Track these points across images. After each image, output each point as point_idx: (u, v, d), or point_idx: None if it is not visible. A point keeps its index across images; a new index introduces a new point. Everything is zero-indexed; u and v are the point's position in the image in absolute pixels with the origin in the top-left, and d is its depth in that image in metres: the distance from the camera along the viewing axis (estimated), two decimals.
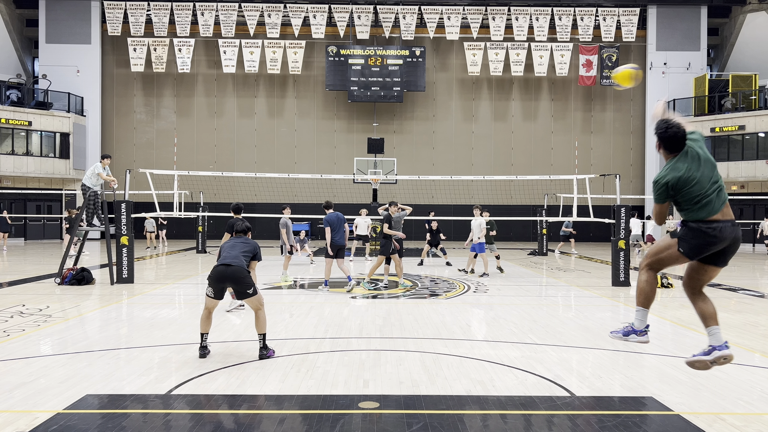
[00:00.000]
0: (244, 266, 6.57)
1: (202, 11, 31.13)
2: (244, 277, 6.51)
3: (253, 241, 7.00)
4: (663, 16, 32.09)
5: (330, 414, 4.89)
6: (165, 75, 32.42)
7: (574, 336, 7.99)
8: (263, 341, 6.66)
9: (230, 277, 6.48)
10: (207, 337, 6.72)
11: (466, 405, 5.17)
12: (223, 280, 6.52)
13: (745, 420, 4.86)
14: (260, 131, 32.88)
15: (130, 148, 32.67)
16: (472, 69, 31.70)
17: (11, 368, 6.16)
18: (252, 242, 6.92)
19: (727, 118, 29.20)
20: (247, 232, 7.16)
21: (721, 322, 4.54)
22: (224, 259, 6.60)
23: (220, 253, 6.80)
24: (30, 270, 16.13)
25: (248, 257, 6.74)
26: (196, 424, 4.69)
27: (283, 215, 14.37)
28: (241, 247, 6.77)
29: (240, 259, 6.60)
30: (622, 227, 13.41)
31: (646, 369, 6.40)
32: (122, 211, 13.26)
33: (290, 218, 14.51)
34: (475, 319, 9.24)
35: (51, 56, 31.43)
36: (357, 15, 31.37)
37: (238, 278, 6.48)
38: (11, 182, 29.38)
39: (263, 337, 6.66)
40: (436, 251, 19.36)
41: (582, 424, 4.75)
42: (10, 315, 9.17)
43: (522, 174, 28.51)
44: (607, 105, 33.24)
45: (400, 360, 6.61)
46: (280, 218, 14.44)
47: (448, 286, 13.30)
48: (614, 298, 11.63)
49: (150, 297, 11.30)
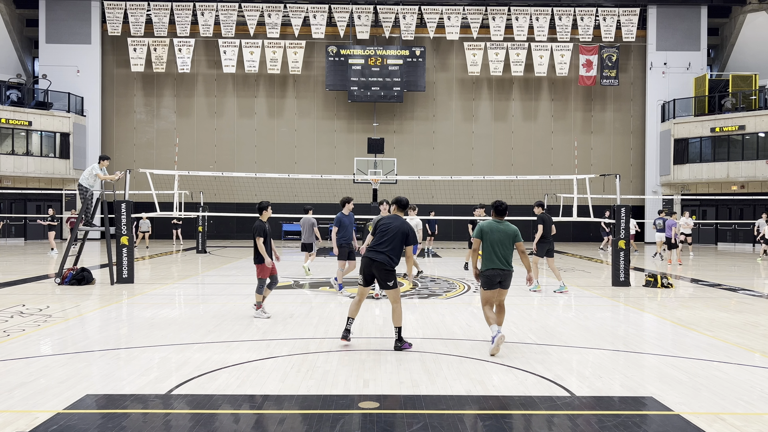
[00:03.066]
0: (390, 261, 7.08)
1: (202, 11, 31.13)
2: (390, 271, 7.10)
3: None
4: (663, 16, 32.09)
5: (330, 414, 4.89)
6: (165, 75, 32.42)
7: (574, 336, 7.99)
8: (399, 333, 7.11)
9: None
10: (352, 322, 7.29)
11: (466, 405, 5.17)
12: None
13: (745, 420, 4.86)
14: (260, 131, 32.89)
15: (130, 148, 32.68)
16: (472, 69, 31.70)
17: (11, 368, 6.16)
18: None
19: (727, 118, 29.20)
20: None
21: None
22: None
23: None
24: (30, 270, 16.13)
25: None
26: (196, 424, 4.68)
27: (309, 215, 14.60)
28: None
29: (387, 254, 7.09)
30: (622, 227, 13.41)
31: (646, 369, 6.40)
32: (122, 211, 13.26)
33: (315, 218, 14.78)
34: (475, 319, 9.24)
35: (51, 56, 31.44)
36: (357, 15, 31.37)
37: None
38: (11, 182, 29.38)
39: (399, 330, 7.12)
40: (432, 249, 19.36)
41: (582, 424, 4.75)
42: (10, 315, 9.17)
43: (522, 174, 28.51)
44: (607, 105, 33.24)
45: (400, 360, 6.61)
46: (307, 218, 14.54)
47: (448, 286, 13.30)
48: (614, 298, 11.63)
49: (150, 297, 11.30)
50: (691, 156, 30.52)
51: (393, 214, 7.40)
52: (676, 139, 30.66)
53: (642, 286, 13.27)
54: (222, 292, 12.16)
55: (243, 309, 9.88)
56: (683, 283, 14.37)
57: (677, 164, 30.62)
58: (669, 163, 30.91)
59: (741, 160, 28.78)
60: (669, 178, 30.96)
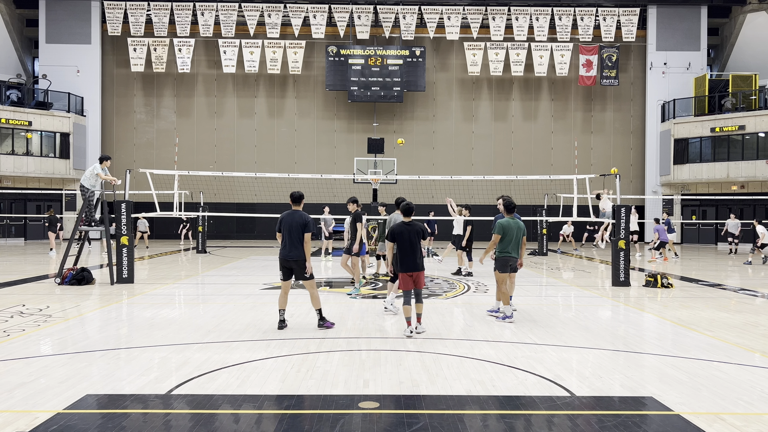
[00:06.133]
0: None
1: (202, 11, 31.13)
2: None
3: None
4: (663, 16, 32.09)
5: (330, 414, 4.89)
6: (165, 75, 32.43)
7: (574, 336, 7.99)
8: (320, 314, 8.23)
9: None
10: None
11: (466, 405, 5.17)
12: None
13: (745, 420, 4.86)
14: (260, 131, 32.89)
15: (130, 148, 32.68)
16: (472, 69, 31.70)
17: (11, 368, 6.16)
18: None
19: (727, 118, 29.20)
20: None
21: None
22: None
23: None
24: (30, 270, 16.13)
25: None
26: (196, 424, 4.68)
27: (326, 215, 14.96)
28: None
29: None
30: (622, 227, 13.41)
31: (646, 369, 6.40)
32: (122, 211, 13.26)
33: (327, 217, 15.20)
34: (475, 319, 9.24)
35: (51, 56, 31.44)
36: (357, 15, 31.37)
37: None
38: (11, 182, 29.39)
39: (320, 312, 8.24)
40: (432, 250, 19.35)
41: (582, 424, 4.75)
42: (10, 315, 9.17)
43: (522, 174, 28.50)
44: (607, 105, 33.24)
45: (400, 360, 6.61)
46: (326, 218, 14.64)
47: (448, 286, 13.30)
48: (614, 298, 11.63)
49: (150, 297, 11.30)
50: (691, 156, 30.53)
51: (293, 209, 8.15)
52: (676, 139, 30.67)
53: (642, 286, 13.27)
54: (222, 292, 12.16)
55: (243, 309, 9.88)
56: (683, 283, 14.37)
57: (677, 164, 30.62)
58: (669, 163, 30.92)
59: (741, 160, 28.79)
60: (669, 178, 30.96)
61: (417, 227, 8.06)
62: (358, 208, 11.96)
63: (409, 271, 7.89)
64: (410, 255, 7.90)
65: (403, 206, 8.27)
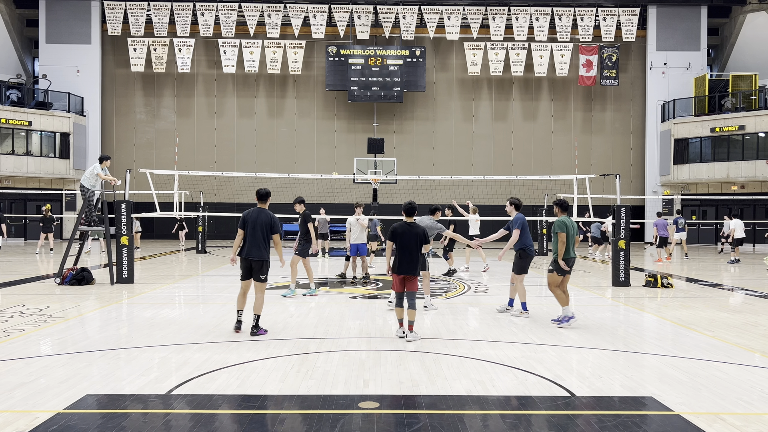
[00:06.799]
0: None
1: (202, 11, 31.13)
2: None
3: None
4: (663, 16, 32.09)
5: (330, 414, 4.89)
6: (165, 75, 32.42)
7: (574, 336, 7.99)
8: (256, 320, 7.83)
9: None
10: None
11: (466, 405, 5.17)
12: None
13: (745, 420, 4.86)
14: (260, 131, 32.88)
15: (130, 148, 32.68)
16: (472, 69, 31.70)
17: (11, 368, 6.16)
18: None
19: (727, 118, 29.19)
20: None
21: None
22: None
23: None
24: (30, 270, 16.13)
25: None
26: (196, 424, 4.68)
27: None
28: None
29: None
30: (622, 227, 13.40)
31: (646, 369, 6.40)
32: (122, 211, 13.25)
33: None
34: (475, 319, 9.24)
35: (51, 56, 31.44)
36: (357, 15, 31.37)
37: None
38: (11, 182, 29.38)
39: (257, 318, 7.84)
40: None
41: (582, 424, 4.75)
42: (10, 315, 9.17)
43: (522, 174, 28.49)
44: (607, 105, 33.24)
45: (400, 360, 6.61)
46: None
47: (448, 286, 13.30)
48: (614, 298, 11.63)
49: (150, 297, 11.30)
50: (691, 156, 30.52)
51: (258, 207, 8.58)
52: (676, 139, 30.66)
53: (642, 286, 13.27)
54: (222, 292, 12.16)
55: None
56: (683, 283, 14.37)
57: (677, 164, 30.61)
58: (669, 163, 30.91)
59: (741, 160, 28.78)
60: (669, 178, 30.96)
61: (418, 230, 7.69)
62: (306, 209, 11.63)
63: (401, 273, 7.62)
64: (406, 257, 7.59)
65: (404, 206, 7.92)
